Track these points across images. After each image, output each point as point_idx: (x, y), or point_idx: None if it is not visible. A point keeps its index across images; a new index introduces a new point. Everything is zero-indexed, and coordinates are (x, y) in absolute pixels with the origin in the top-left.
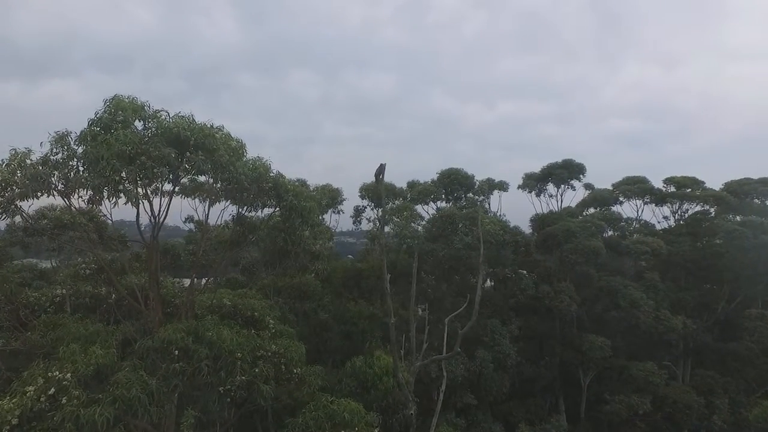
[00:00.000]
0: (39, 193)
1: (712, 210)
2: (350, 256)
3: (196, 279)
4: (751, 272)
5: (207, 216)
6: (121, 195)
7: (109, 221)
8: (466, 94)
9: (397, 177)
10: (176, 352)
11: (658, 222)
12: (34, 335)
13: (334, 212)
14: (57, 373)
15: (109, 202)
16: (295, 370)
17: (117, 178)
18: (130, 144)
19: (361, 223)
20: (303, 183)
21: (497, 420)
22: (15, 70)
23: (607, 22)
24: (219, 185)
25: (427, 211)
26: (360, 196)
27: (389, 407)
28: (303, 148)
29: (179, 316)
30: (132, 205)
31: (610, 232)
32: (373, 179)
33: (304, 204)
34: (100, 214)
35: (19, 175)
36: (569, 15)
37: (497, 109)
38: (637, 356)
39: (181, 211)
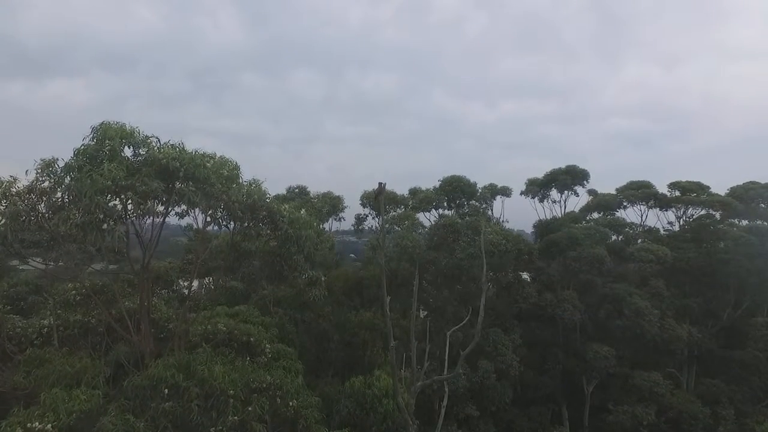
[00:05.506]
0: (20, 232)
1: (717, 214)
2: (352, 255)
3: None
4: (757, 279)
5: (204, 226)
6: (105, 235)
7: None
8: (467, 94)
9: (400, 176)
10: (166, 390)
11: (663, 228)
12: (17, 376)
13: (335, 219)
14: (37, 423)
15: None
16: (290, 403)
17: (101, 216)
18: (116, 179)
19: (362, 232)
20: (303, 190)
21: (499, 430)
22: (20, 69)
23: (607, 22)
24: (210, 213)
25: (428, 218)
26: (361, 204)
27: (389, 430)
28: (305, 147)
29: (171, 346)
30: (115, 247)
31: (614, 237)
32: (375, 180)
33: (300, 233)
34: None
35: (3, 204)
36: (569, 15)
37: (498, 109)
38: (641, 364)
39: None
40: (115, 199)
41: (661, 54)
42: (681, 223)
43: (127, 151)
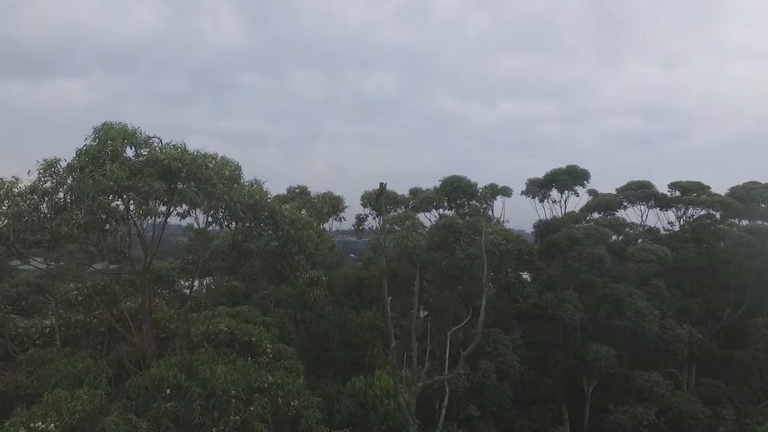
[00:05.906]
0: (22, 233)
1: (717, 214)
2: (353, 255)
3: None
4: (757, 279)
5: (206, 226)
6: (108, 236)
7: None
8: (467, 94)
9: (400, 176)
10: (168, 390)
11: (663, 228)
12: (19, 375)
13: (335, 219)
14: (40, 423)
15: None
16: (292, 403)
17: (104, 216)
18: (118, 179)
19: (362, 232)
20: (304, 190)
21: (500, 430)
22: (20, 69)
23: (607, 22)
24: (212, 213)
25: (429, 218)
26: (361, 204)
27: (390, 430)
28: (305, 147)
29: (173, 346)
30: (117, 247)
31: (614, 237)
32: (375, 180)
33: (301, 233)
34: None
35: (6, 204)
36: (569, 15)
37: (498, 109)
38: (642, 364)
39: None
40: (118, 200)
41: (661, 54)
42: (681, 223)
43: (129, 152)
